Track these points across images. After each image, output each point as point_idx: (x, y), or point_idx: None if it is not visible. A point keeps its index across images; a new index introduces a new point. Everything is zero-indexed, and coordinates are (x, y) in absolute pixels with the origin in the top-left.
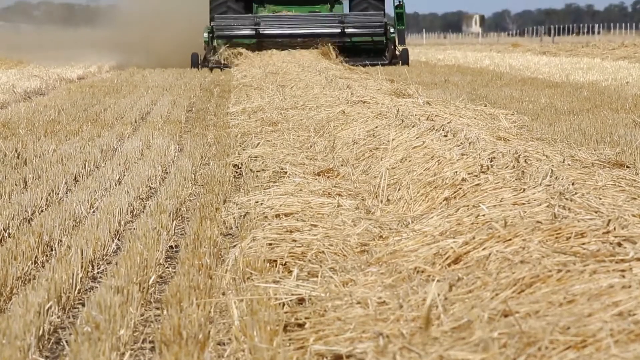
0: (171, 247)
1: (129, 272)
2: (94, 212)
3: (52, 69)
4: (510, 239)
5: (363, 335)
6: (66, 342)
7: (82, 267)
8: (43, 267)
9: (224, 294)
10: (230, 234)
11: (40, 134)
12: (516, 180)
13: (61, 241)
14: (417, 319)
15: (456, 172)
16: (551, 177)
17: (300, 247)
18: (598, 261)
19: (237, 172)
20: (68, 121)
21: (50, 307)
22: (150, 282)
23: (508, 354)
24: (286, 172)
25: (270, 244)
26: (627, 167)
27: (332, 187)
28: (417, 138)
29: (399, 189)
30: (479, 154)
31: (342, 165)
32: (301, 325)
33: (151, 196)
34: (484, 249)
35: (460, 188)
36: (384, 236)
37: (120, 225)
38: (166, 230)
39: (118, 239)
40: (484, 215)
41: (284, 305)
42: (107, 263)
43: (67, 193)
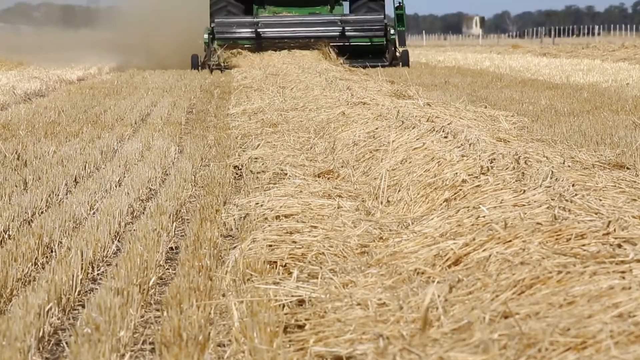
0: (171, 248)
1: (129, 274)
2: (94, 213)
3: (52, 70)
4: (510, 241)
5: (363, 337)
6: (66, 343)
7: (82, 268)
8: (43, 268)
9: (224, 295)
10: (231, 236)
11: (40, 135)
12: (516, 181)
13: (61, 243)
14: (417, 321)
15: (456, 173)
16: (551, 178)
17: (300, 248)
18: (598, 262)
19: (237, 174)
20: (68, 123)
21: (50, 309)
22: (151, 283)
23: (508, 355)
24: (286, 174)
25: (271, 246)
26: (627, 168)
27: (332, 188)
28: (417, 139)
29: (399, 191)
30: (479, 156)
31: (342, 166)
32: (301, 327)
33: (151, 198)
34: (484, 251)
35: (461, 189)
36: (384, 237)
37: (121, 226)
38: (166, 232)
39: (118, 240)
40: (484, 217)
41: (284, 306)
42: (107, 264)
43: (67, 194)
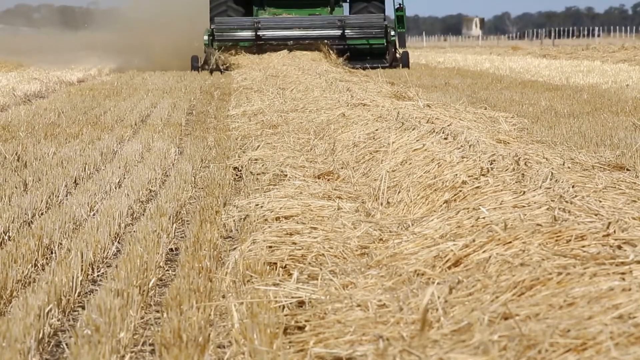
0: (171, 250)
1: (129, 275)
2: (94, 215)
3: (52, 71)
4: (510, 242)
5: (363, 338)
6: (66, 345)
7: (82, 270)
8: (43, 270)
9: (224, 296)
10: (231, 237)
11: (40, 136)
12: (516, 183)
13: (61, 244)
14: (418, 322)
15: (456, 174)
16: (551, 179)
17: (300, 249)
18: (598, 264)
19: (237, 175)
20: (68, 124)
21: (50, 310)
22: (150, 284)
23: (508, 356)
24: (286, 175)
25: (271, 247)
26: (627, 169)
27: (332, 189)
28: (417, 141)
29: (399, 192)
30: (479, 157)
31: (342, 167)
32: (301, 328)
33: (151, 199)
34: (484, 252)
35: (461, 191)
36: (384, 239)
37: (121, 228)
38: (166, 233)
39: (118, 241)
40: (484, 218)
41: (284, 308)
42: (107, 266)
43: (67, 196)
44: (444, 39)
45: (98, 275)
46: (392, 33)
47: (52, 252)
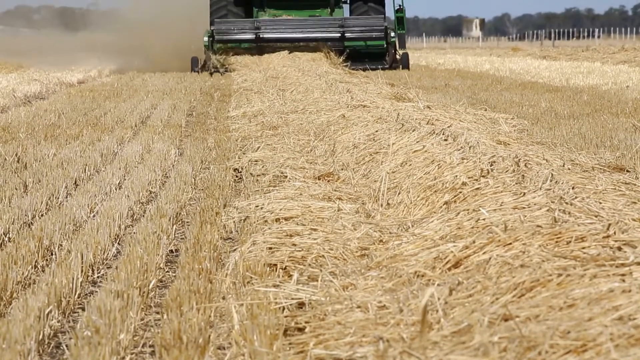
0: (171, 251)
1: (129, 277)
2: (94, 216)
3: (52, 73)
4: (510, 243)
5: (363, 340)
6: (66, 346)
7: (82, 271)
8: (43, 271)
9: (224, 298)
10: (231, 238)
11: (40, 138)
12: (516, 184)
13: (61, 245)
14: (418, 323)
15: (456, 176)
16: (551, 181)
17: (300, 251)
18: (598, 265)
19: (237, 176)
20: (68, 125)
21: (50, 312)
22: (151, 286)
23: (508, 358)
24: (286, 176)
25: (271, 248)
26: (627, 171)
27: (332, 191)
28: (417, 142)
29: (399, 193)
30: (479, 158)
31: (343, 169)
32: (301, 330)
33: (151, 200)
34: (484, 253)
35: (461, 192)
36: (384, 240)
37: (121, 229)
38: (166, 235)
39: (118, 243)
40: (484, 220)
41: (284, 309)
42: (107, 267)
43: (67, 197)
44: (444, 40)
45: (98, 277)
46: (392, 34)
47: (52, 254)
